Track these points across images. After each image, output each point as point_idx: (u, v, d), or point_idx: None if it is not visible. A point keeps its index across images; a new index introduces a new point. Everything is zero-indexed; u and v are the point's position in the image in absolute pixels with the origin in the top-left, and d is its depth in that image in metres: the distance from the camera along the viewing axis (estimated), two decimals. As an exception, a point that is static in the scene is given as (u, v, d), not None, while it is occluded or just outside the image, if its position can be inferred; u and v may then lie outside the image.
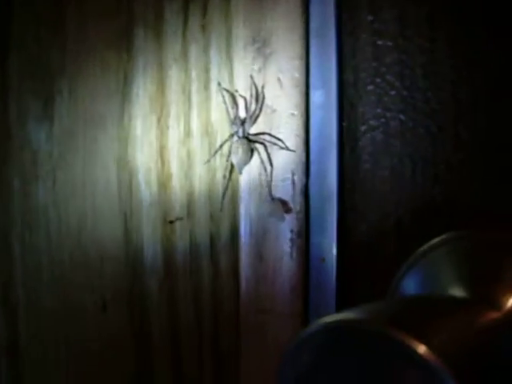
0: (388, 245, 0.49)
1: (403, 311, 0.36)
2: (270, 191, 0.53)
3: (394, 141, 0.49)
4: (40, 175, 0.64)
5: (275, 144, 0.52)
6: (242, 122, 0.53)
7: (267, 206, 0.53)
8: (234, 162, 0.54)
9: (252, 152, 0.53)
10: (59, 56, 0.63)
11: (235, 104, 0.54)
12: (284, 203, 0.52)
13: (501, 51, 0.45)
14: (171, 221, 0.57)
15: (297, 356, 0.34)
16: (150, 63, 0.58)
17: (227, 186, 0.55)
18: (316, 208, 0.52)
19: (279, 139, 0.52)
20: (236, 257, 0.55)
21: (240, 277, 0.54)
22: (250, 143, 0.53)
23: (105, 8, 0.60)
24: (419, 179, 0.48)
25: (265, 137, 0.53)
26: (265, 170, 0.53)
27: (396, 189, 0.49)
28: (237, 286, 0.55)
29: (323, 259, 0.52)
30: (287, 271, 0.52)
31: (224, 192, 0.55)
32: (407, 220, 0.48)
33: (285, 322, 0.52)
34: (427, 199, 0.48)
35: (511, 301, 0.41)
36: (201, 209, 0.56)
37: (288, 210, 0.52)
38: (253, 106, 0.53)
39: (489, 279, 0.43)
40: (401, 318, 0.34)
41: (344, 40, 0.51)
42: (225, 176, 0.55)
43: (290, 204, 0.52)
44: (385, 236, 0.49)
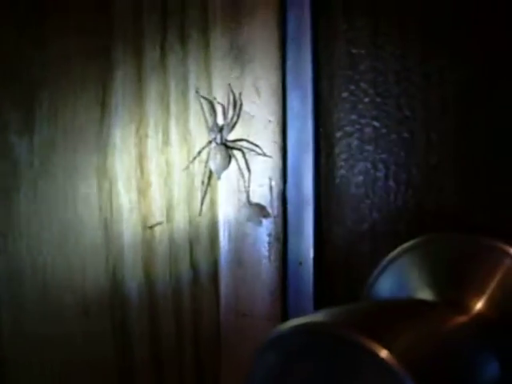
0: (363, 248, 0.50)
1: (369, 315, 0.37)
2: (248, 196, 0.54)
3: (368, 146, 0.50)
4: (21, 185, 0.65)
5: (253, 150, 0.53)
6: (220, 129, 0.54)
7: (245, 211, 0.54)
8: (213, 168, 0.55)
9: (230, 158, 0.54)
10: (39, 68, 0.63)
11: (213, 111, 0.55)
12: (262, 208, 0.53)
13: (471, 58, 0.46)
14: (151, 226, 0.58)
15: (265, 358, 0.34)
16: (129, 74, 0.59)
17: (206, 192, 0.56)
18: (293, 212, 0.53)
19: (257, 145, 0.53)
20: (215, 261, 0.56)
21: (219, 280, 0.55)
22: (228, 149, 0.54)
23: (84, 21, 0.61)
24: (392, 184, 0.49)
25: (242, 143, 0.54)
26: (242, 176, 0.54)
27: (370, 193, 0.50)
28: (216, 290, 0.56)
29: (300, 263, 0.53)
30: (266, 275, 0.53)
31: (203, 197, 0.56)
32: (381, 223, 0.50)
33: (264, 325, 0.53)
34: (400, 203, 0.49)
35: (478, 305, 0.42)
36: (180, 214, 0.57)
37: (266, 215, 0.53)
38: (230, 113, 0.54)
39: (457, 283, 0.44)
40: (365, 322, 0.35)
41: (319, 48, 0.52)
42: (203, 182, 0.56)
43: (268, 209, 0.53)
44: (360, 239, 0.50)
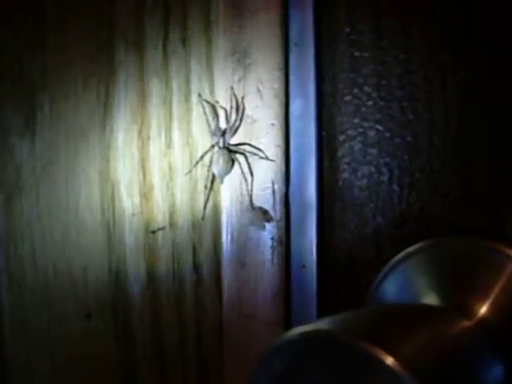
0: (366, 251, 0.50)
1: (374, 321, 0.37)
2: (251, 200, 0.54)
3: (372, 150, 0.50)
4: (24, 189, 0.65)
5: (255, 154, 0.53)
6: (223, 133, 0.54)
7: (248, 215, 0.54)
8: (215, 172, 0.55)
9: (233, 162, 0.54)
10: (40, 71, 0.63)
11: (216, 115, 0.55)
12: (265, 212, 0.53)
13: (474, 62, 0.46)
14: (153, 231, 0.58)
15: (270, 363, 0.35)
16: (131, 76, 0.59)
17: (209, 196, 0.56)
18: (296, 216, 0.53)
19: (259, 149, 0.53)
20: (218, 265, 0.56)
21: (222, 284, 0.55)
22: (231, 153, 0.54)
23: (85, 22, 0.61)
24: (396, 187, 0.49)
25: (245, 147, 0.54)
26: (245, 180, 0.53)
27: (374, 197, 0.50)
28: (219, 293, 0.56)
29: (304, 266, 0.53)
30: (269, 278, 0.53)
31: (206, 201, 0.56)
32: (385, 227, 0.49)
33: (267, 328, 0.53)
34: (404, 207, 0.49)
35: (483, 309, 0.42)
36: (183, 218, 0.57)
37: (269, 219, 0.53)
38: (233, 117, 0.54)
39: (462, 287, 0.44)
40: (370, 329, 0.35)
41: (322, 51, 0.52)
42: (206, 186, 0.56)
43: (271, 213, 0.53)
44: (363, 243, 0.50)
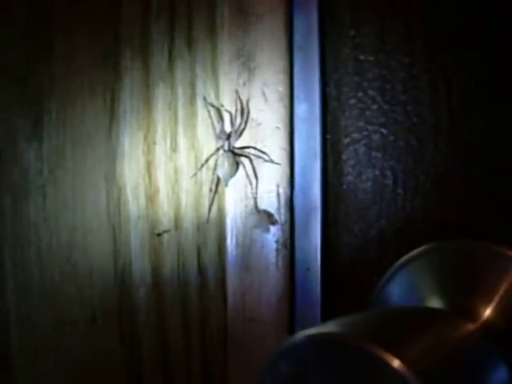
0: (371, 254, 0.51)
1: (380, 325, 0.37)
2: (256, 203, 0.54)
3: (376, 153, 0.50)
4: (30, 192, 0.65)
5: (260, 157, 0.53)
6: (228, 136, 0.54)
7: (253, 218, 0.54)
8: (220, 176, 0.55)
9: (237, 165, 0.54)
10: (47, 77, 0.64)
11: (221, 118, 0.55)
12: (269, 215, 0.53)
13: (478, 66, 0.46)
14: (159, 233, 0.58)
15: (277, 367, 0.35)
16: (137, 82, 0.59)
17: (213, 199, 0.56)
18: (301, 219, 0.53)
19: (264, 152, 0.53)
20: (223, 267, 0.56)
21: (227, 287, 0.55)
22: (236, 157, 0.54)
23: (92, 30, 0.61)
24: (400, 191, 0.49)
25: (250, 150, 0.54)
26: (250, 183, 0.54)
27: (378, 200, 0.50)
28: (224, 296, 0.56)
29: (308, 269, 0.53)
30: (273, 281, 0.53)
31: (210, 204, 0.56)
32: (389, 230, 0.50)
33: (271, 331, 0.54)
34: (408, 210, 0.49)
35: (487, 312, 0.42)
36: (188, 221, 0.57)
37: (273, 222, 0.53)
38: (238, 121, 0.54)
39: (466, 290, 0.44)
40: (377, 332, 0.35)
41: (327, 55, 0.52)
42: (211, 189, 0.56)
43: (275, 216, 0.53)
44: (368, 246, 0.51)
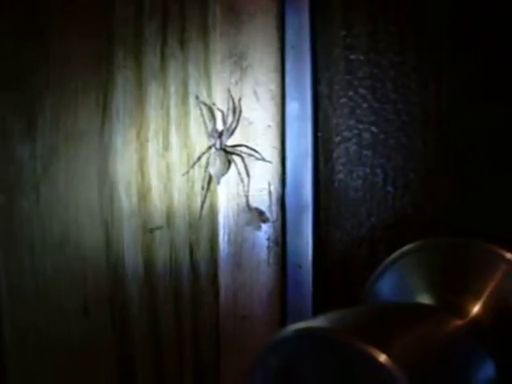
0: (361, 251, 0.51)
1: (368, 320, 0.38)
2: (248, 201, 0.54)
3: (367, 151, 0.50)
4: (24, 190, 0.66)
5: (252, 155, 0.54)
6: (220, 135, 0.55)
7: (244, 216, 0.54)
8: (212, 173, 0.55)
9: (229, 163, 0.55)
10: (41, 75, 0.64)
11: (213, 117, 0.56)
12: (261, 213, 0.54)
13: (466, 65, 0.46)
14: (151, 230, 0.59)
15: (266, 361, 0.35)
16: (130, 81, 0.60)
17: (205, 197, 0.56)
18: (292, 217, 0.54)
19: (256, 151, 0.54)
20: (215, 264, 0.56)
21: (219, 284, 0.56)
22: (228, 155, 0.55)
23: (85, 28, 0.61)
24: (390, 188, 0.50)
25: (242, 148, 0.54)
26: (242, 181, 0.54)
27: (368, 198, 0.50)
28: (216, 293, 0.56)
29: (300, 266, 0.53)
30: (265, 278, 0.54)
31: (202, 202, 0.56)
32: (379, 228, 0.50)
33: (263, 327, 0.54)
34: (398, 208, 0.49)
35: (475, 309, 0.42)
36: (180, 218, 0.58)
37: (265, 220, 0.53)
38: (230, 119, 0.55)
39: (455, 287, 0.44)
40: (364, 327, 0.35)
41: (318, 54, 0.52)
42: (203, 187, 0.56)
43: (267, 213, 0.53)
44: (358, 243, 0.51)
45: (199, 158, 0.56)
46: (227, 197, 0.55)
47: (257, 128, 0.54)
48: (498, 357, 0.40)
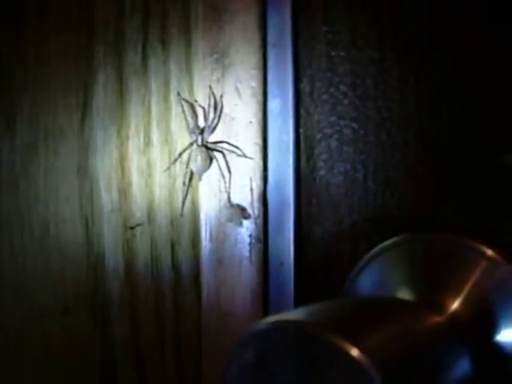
0: (343, 248, 0.51)
1: (343, 314, 0.38)
2: (229, 197, 0.54)
3: (347, 148, 0.51)
4: (2, 186, 0.65)
5: (233, 152, 0.54)
6: (201, 131, 0.55)
7: (226, 212, 0.54)
8: (194, 170, 0.55)
9: (211, 160, 0.55)
10: (20, 71, 0.64)
11: (194, 114, 0.56)
12: (242, 209, 0.54)
13: (445, 61, 0.47)
14: (132, 227, 0.59)
15: (241, 354, 0.35)
16: (110, 77, 0.60)
17: (187, 193, 0.56)
18: (274, 213, 0.54)
19: (237, 147, 0.54)
20: (197, 261, 0.56)
21: (201, 281, 0.56)
22: (209, 151, 0.55)
23: (65, 25, 0.61)
24: (371, 184, 0.50)
25: (223, 145, 0.54)
26: (223, 177, 0.54)
27: (349, 194, 0.51)
28: (198, 290, 0.56)
29: (282, 263, 0.53)
30: (247, 275, 0.54)
31: (184, 198, 0.56)
32: (360, 224, 0.50)
33: (246, 325, 0.54)
34: (379, 203, 0.49)
35: (454, 305, 0.42)
36: (161, 215, 0.57)
37: (246, 216, 0.53)
38: (211, 116, 0.55)
39: (434, 283, 0.44)
40: (339, 321, 0.35)
41: (300, 51, 0.52)
42: (184, 183, 0.56)
43: (249, 210, 0.53)
44: (340, 239, 0.51)
45: (180, 155, 0.56)
46: (209, 193, 0.55)
47: (238, 125, 0.54)
48: (476, 353, 0.40)
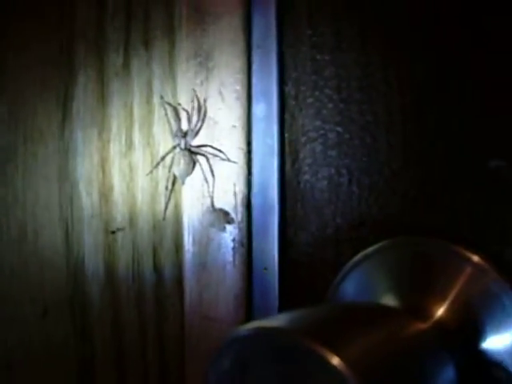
0: (327, 252, 0.51)
1: (325, 321, 0.37)
2: (212, 202, 0.54)
3: (332, 152, 0.50)
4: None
5: (217, 156, 0.53)
6: (184, 135, 0.54)
7: (209, 217, 0.54)
8: (177, 174, 0.55)
9: (194, 164, 0.54)
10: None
11: (177, 117, 0.55)
12: (226, 213, 0.53)
13: (429, 65, 0.46)
14: (113, 231, 0.58)
15: (219, 361, 0.35)
16: (91, 78, 0.59)
17: (170, 197, 0.56)
18: (258, 218, 0.53)
19: (221, 151, 0.53)
20: (179, 266, 0.56)
21: (184, 285, 0.55)
22: (192, 155, 0.54)
23: (45, 26, 0.61)
24: (355, 189, 0.49)
25: (207, 149, 0.54)
26: (207, 182, 0.54)
27: (334, 198, 0.50)
28: (181, 295, 0.55)
29: (265, 268, 0.53)
30: (230, 280, 0.53)
31: (167, 203, 0.56)
32: (345, 228, 0.50)
33: (229, 330, 0.53)
34: (363, 208, 0.49)
35: (439, 312, 0.42)
36: (143, 219, 0.57)
37: (230, 221, 0.53)
38: (195, 119, 0.54)
39: (419, 289, 0.44)
40: (320, 328, 0.35)
41: (285, 54, 0.52)
42: (167, 187, 0.55)
43: (232, 214, 0.53)
44: (324, 244, 0.51)
45: (163, 158, 0.56)
46: (192, 197, 0.55)
47: (222, 128, 0.53)
48: (461, 361, 0.40)
